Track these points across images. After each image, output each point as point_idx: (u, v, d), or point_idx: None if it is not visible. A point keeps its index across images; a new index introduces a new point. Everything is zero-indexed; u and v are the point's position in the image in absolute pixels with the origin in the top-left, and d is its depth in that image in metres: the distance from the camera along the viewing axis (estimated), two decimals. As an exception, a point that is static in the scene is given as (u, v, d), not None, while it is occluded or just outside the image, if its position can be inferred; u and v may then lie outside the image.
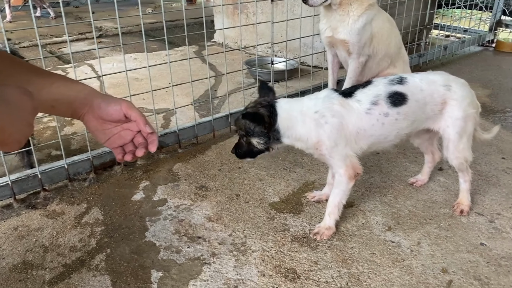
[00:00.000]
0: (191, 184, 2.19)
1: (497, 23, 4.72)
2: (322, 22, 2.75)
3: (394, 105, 1.74)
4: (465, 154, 1.89)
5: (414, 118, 1.79)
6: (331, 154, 1.73)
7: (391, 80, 1.79)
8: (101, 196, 2.09)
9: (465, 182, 1.97)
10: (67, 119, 2.93)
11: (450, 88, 1.82)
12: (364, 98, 1.74)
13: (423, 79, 1.82)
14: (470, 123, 1.86)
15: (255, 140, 1.74)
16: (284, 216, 1.95)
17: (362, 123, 1.73)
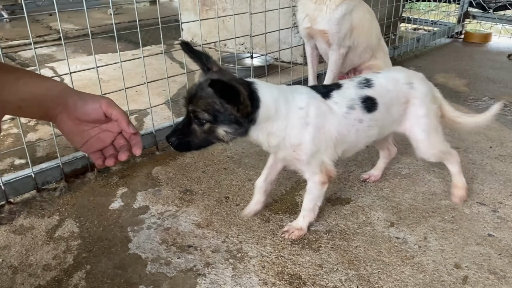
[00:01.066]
0: (174, 189, 2.01)
1: (465, 14, 4.77)
2: (299, 11, 2.63)
3: (367, 111, 1.61)
4: (439, 148, 1.79)
5: (383, 124, 1.68)
6: (309, 160, 1.54)
7: (359, 83, 1.65)
8: (75, 206, 1.88)
9: (452, 165, 1.88)
10: (30, 125, 2.68)
11: (412, 85, 1.72)
12: (341, 101, 1.59)
13: (387, 78, 1.70)
14: (433, 119, 1.76)
15: (223, 128, 1.34)
16: (279, 217, 1.81)
17: (341, 127, 1.57)
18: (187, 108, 1.36)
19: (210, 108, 1.30)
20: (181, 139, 1.37)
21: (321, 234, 1.70)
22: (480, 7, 4.77)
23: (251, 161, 2.24)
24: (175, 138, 1.37)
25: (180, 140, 1.37)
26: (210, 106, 1.30)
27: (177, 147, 1.39)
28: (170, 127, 2.36)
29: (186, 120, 1.37)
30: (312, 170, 1.58)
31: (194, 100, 1.32)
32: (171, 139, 1.38)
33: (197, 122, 1.35)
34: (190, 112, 1.35)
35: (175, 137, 1.37)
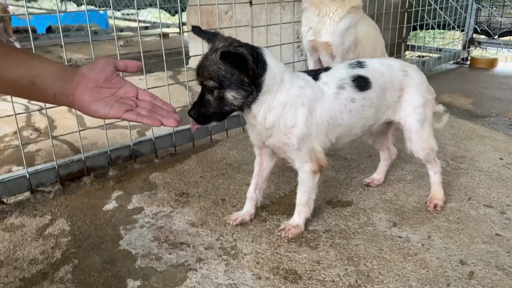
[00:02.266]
0: (170, 192, 1.96)
1: (470, 41, 4.78)
2: (303, 25, 2.65)
3: (359, 89, 1.57)
4: (430, 143, 1.74)
5: (378, 105, 1.63)
6: (299, 145, 1.48)
7: (350, 63, 1.63)
8: (68, 207, 1.84)
9: (435, 173, 1.81)
10: (32, 137, 2.68)
11: (407, 73, 1.69)
12: (330, 81, 1.55)
13: (382, 63, 1.68)
14: (429, 110, 1.73)
15: (231, 94, 1.36)
16: (277, 217, 1.75)
17: (332, 109, 1.53)
18: (198, 81, 1.40)
19: (215, 75, 1.34)
20: (199, 110, 1.39)
21: (319, 234, 1.63)
22: (485, 33, 4.79)
23: (250, 168, 2.16)
24: (194, 111, 1.40)
25: (198, 111, 1.40)
26: (215, 73, 1.34)
27: (197, 118, 1.41)
28: (169, 135, 2.34)
29: (201, 93, 1.41)
30: (302, 157, 1.52)
31: (201, 71, 1.37)
32: (190, 112, 1.41)
33: (208, 91, 1.38)
34: (200, 84, 1.40)
35: (194, 110, 1.40)
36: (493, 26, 4.75)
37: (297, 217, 1.62)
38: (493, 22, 4.74)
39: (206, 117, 1.41)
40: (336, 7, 2.48)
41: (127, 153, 2.20)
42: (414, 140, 1.71)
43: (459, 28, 4.82)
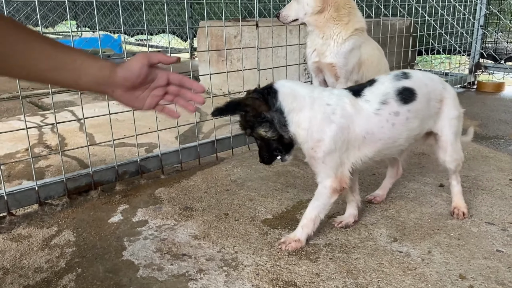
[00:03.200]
0: (175, 206, 2.00)
1: (476, 65, 4.82)
2: (308, 47, 2.72)
3: (404, 102, 1.60)
4: (460, 154, 1.82)
5: (423, 116, 1.67)
6: (325, 159, 1.54)
7: (396, 75, 1.66)
8: (74, 220, 1.88)
9: (457, 183, 1.88)
10: (43, 153, 2.75)
11: (445, 87, 1.77)
12: (373, 98, 1.59)
13: (424, 75, 1.75)
14: (461, 123, 1.81)
15: (261, 130, 1.52)
16: (278, 231, 1.77)
17: (370, 126, 1.57)
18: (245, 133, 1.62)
19: (242, 124, 1.56)
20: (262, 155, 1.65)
21: (320, 247, 1.64)
22: (491, 58, 4.83)
23: (254, 184, 2.22)
24: (260, 158, 1.66)
25: (262, 157, 1.65)
26: (241, 124, 1.56)
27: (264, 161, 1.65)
28: (175, 152, 2.39)
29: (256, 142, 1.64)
30: (326, 171, 1.56)
31: (240, 125, 1.59)
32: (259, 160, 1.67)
33: (254, 138, 1.60)
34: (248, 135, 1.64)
35: (260, 158, 1.66)
36: (499, 51, 4.79)
37: (300, 231, 1.64)
38: (499, 47, 4.78)
39: (267, 157, 1.62)
40: (339, 29, 2.55)
41: (134, 169, 2.25)
42: (449, 151, 1.77)
43: (465, 53, 4.88)
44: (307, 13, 2.51)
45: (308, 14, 2.51)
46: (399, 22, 4.15)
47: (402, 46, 3.93)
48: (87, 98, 4.75)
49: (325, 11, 2.50)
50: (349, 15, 2.57)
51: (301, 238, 1.63)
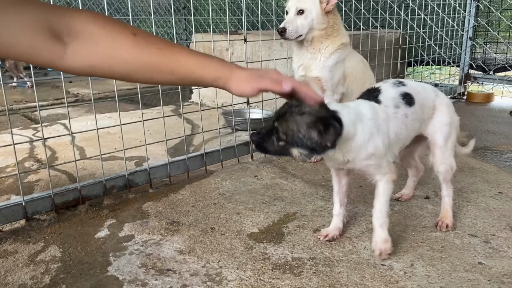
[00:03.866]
0: (162, 220, 2.01)
1: (466, 76, 4.88)
2: (294, 61, 2.75)
3: (409, 105, 1.70)
4: (450, 161, 1.86)
5: (421, 118, 1.77)
6: (379, 163, 1.60)
7: (393, 82, 1.76)
8: (61, 235, 1.89)
9: (448, 195, 1.92)
10: (33, 167, 2.76)
11: (438, 95, 1.86)
12: (388, 103, 1.67)
13: (416, 83, 1.84)
14: (454, 131, 1.87)
15: (297, 150, 1.40)
16: (264, 245, 1.78)
17: (395, 128, 1.65)
18: (274, 121, 1.44)
19: (290, 134, 1.38)
20: (261, 142, 1.46)
21: (304, 261, 1.66)
22: (480, 69, 4.89)
23: (242, 198, 2.24)
24: (256, 138, 1.46)
25: (260, 142, 1.46)
26: (291, 132, 1.37)
27: (256, 146, 1.49)
28: (164, 165, 2.40)
29: (270, 128, 1.44)
30: (383, 171, 1.62)
31: (281, 119, 1.40)
32: (253, 138, 1.48)
33: (276, 136, 1.43)
34: (274, 125, 1.43)
35: (257, 138, 1.46)
36: (488, 62, 4.85)
37: (381, 232, 1.65)
38: (488, 58, 4.84)
39: (264, 150, 1.49)
40: (328, 43, 2.59)
41: (122, 183, 2.26)
42: (437, 154, 1.84)
43: (455, 64, 4.94)
44: (313, 29, 2.54)
45: (313, 30, 2.54)
46: (388, 35, 4.21)
47: (391, 58, 3.98)
48: (80, 111, 4.79)
49: (326, 28, 2.55)
50: (338, 30, 2.62)
51: (387, 236, 1.65)
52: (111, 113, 4.58)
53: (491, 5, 4.63)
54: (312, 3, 2.49)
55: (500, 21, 4.64)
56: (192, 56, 1.17)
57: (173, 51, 1.13)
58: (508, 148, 3.04)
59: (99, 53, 1.06)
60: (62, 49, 1.03)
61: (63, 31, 1.02)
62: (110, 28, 1.07)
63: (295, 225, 1.94)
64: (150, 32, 1.19)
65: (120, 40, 1.07)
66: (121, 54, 1.08)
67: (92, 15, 1.07)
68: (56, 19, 1.01)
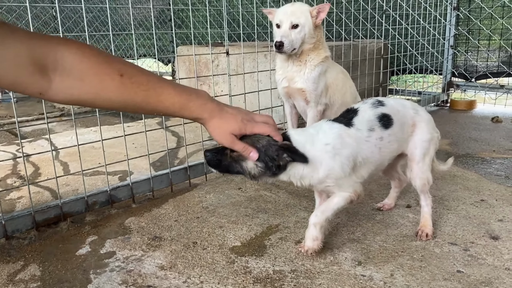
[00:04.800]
0: (144, 236, 2.00)
1: (449, 84, 4.95)
2: (278, 73, 2.77)
3: (385, 127, 1.73)
4: (427, 175, 1.89)
5: (399, 138, 1.79)
6: (339, 184, 1.64)
7: (372, 103, 1.78)
8: (42, 253, 1.87)
9: (427, 205, 1.94)
10: (15, 184, 2.73)
11: (417, 111, 1.87)
12: (362, 126, 1.70)
13: (396, 102, 1.86)
14: (433, 146, 1.89)
15: (251, 163, 1.49)
16: (245, 259, 1.78)
17: (364, 152, 1.68)
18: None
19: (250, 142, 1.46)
20: (214, 156, 1.53)
21: (285, 274, 1.66)
22: (462, 76, 4.96)
23: (225, 211, 2.24)
24: (209, 153, 1.54)
25: (213, 156, 1.53)
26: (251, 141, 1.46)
27: (208, 161, 1.55)
28: (147, 180, 2.40)
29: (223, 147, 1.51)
30: (344, 190, 1.66)
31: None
32: (206, 153, 1.54)
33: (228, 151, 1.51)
34: None
35: (210, 153, 1.53)
36: (469, 69, 4.93)
37: (313, 230, 1.69)
38: (470, 66, 4.92)
39: (216, 164, 1.54)
40: (313, 56, 2.62)
41: (104, 198, 2.25)
42: (415, 170, 1.88)
43: (438, 72, 5.01)
44: (304, 43, 2.55)
45: (305, 44, 2.56)
46: (371, 45, 4.26)
47: (374, 68, 4.03)
48: (65, 125, 4.76)
49: (315, 42, 2.58)
50: (322, 43, 2.66)
51: (318, 234, 1.68)
52: (97, 127, 4.56)
53: (471, 14, 4.71)
54: (305, 18, 2.51)
55: (480, 30, 4.72)
56: (176, 96, 1.22)
57: (158, 91, 1.17)
58: (489, 155, 3.08)
59: (84, 90, 1.09)
60: (47, 83, 1.05)
61: (50, 65, 1.03)
62: (97, 68, 1.09)
63: (277, 237, 1.95)
64: (138, 68, 1.21)
65: (107, 81, 1.10)
66: (106, 93, 1.11)
67: (81, 51, 1.08)
68: (43, 53, 1.02)
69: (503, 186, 2.47)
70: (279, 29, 2.53)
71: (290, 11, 2.50)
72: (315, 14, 2.53)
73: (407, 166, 1.91)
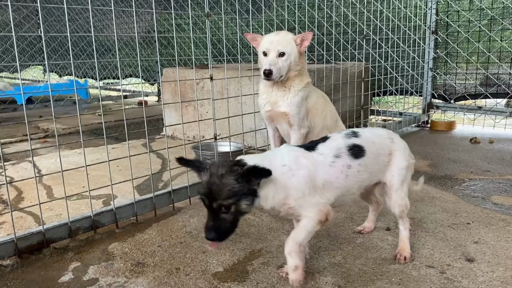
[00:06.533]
0: (127, 262, 2.01)
1: (429, 105, 5.08)
2: (261, 97, 2.83)
3: (355, 157, 1.78)
4: (405, 201, 1.95)
5: (372, 170, 1.84)
6: (299, 204, 1.67)
7: (346, 133, 1.85)
8: (24, 281, 1.87)
9: (405, 229, 1.99)
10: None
11: (393, 140, 1.94)
12: (326, 152, 1.76)
13: (372, 133, 1.92)
14: (409, 172, 1.96)
15: (244, 203, 1.56)
16: (228, 285, 1.80)
17: (327, 176, 1.73)
18: (212, 206, 1.55)
19: (232, 193, 1.53)
20: (219, 231, 1.56)
21: (267, 299, 1.69)
22: (442, 98, 5.10)
23: (208, 235, 2.26)
24: (214, 235, 1.56)
25: (219, 234, 1.56)
26: (232, 191, 1.53)
27: (221, 239, 1.59)
28: (131, 204, 2.42)
29: (213, 216, 1.56)
30: (307, 210, 1.68)
31: (216, 196, 1.53)
32: (210, 236, 1.56)
33: (224, 211, 1.55)
34: (216, 208, 1.55)
35: (214, 234, 1.56)
36: (449, 91, 5.07)
37: (290, 259, 1.68)
38: (449, 88, 5.06)
39: (226, 233, 1.58)
40: (297, 81, 2.69)
41: (88, 224, 2.26)
42: (394, 197, 1.93)
43: (418, 94, 5.14)
44: (290, 70, 2.62)
45: (290, 71, 2.63)
46: (352, 67, 4.37)
47: (355, 90, 4.13)
48: (50, 148, 4.73)
49: (300, 69, 2.66)
50: (305, 70, 2.74)
51: (297, 263, 1.67)
52: (81, 149, 4.54)
53: (449, 38, 4.87)
54: (291, 46, 2.59)
55: (458, 53, 4.87)
56: None
57: None
58: (467, 176, 3.17)
59: None
60: None
61: None
62: None
63: (260, 262, 1.97)
64: None
65: None
66: None
67: None
68: None
69: (480, 208, 2.54)
70: (267, 57, 2.59)
71: (276, 41, 2.57)
72: (299, 42, 2.61)
73: (386, 193, 1.96)
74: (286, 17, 3.95)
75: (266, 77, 2.56)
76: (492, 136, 4.45)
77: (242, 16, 5.62)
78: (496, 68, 4.67)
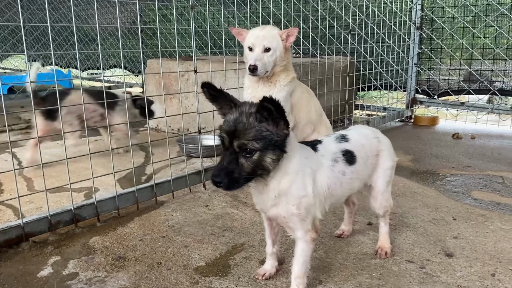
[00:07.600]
0: (108, 256, 1.99)
1: (412, 100, 5.12)
2: (246, 92, 2.81)
3: (349, 164, 1.70)
4: (390, 201, 1.95)
5: (362, 176, 1.78)
6: (305, 216, 1.53)
7: (336, 137, 1.76)
8: (1, 276, 1.84)
9: (385, 225, 2.00)
10: (-25, 202, 2.67)
11: (379, 139, 1.88)
12: (326, 154, 1.66)
13: (359, 134, 1.83)
14: (393, 172, 1.93)
15: (269, 156, 1.36)
16: (209, 279, 1.80)
17: (329, 180, 1.62)
18: (231, 145, 1.36)
19: (259, 135, 1.33)
20: (230, 177, 1.34)
21: (248, 294, 1.69)
22: (425, 93, 5.15)
23: (191, 229, 2.26)
24: (222, 178, 1.34)
25: (229, 178, 1.34)
26: (259, 133, 1.33)
27: (228, 187, 1.35)
28: (112, 198, 2.39)
29: (231, 157, 1.35)
30: (305, 227, 1.56)
31: (241, 134, 1.34)
32: (217, 179, 1.34)
33: (245, 155, 1.35)
34: (237, 147, 1.35)
35: (223, 177, 1.34)
36: (432, 87, 5.12)
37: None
38: (432, 83, 5.11)
39: (238, 182, 1.36)
40: (283, 77, 2.68)
41: (68, 217, 2.23)
42: (379, 199, 1.90)
43: (402, 89, 5.18)
44: (276, 65, 2.60)
45: (276, 66, 2.61)
46: (338, 62, 4.37)
47: (340, 85, 4.14)
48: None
49: (286, 64, 2.64)
50: (290, 65, 2.73)
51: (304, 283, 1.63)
52: (63, 141, 4.48)
53: (433, 34, 4.91)
54: (277, 42, 2.57)
55: (442, 49, 4.92)
56: None
57: None
58: (449, 171, 3.21)
59: None
60: None
61: None
62: None
63: (242, 257, 1.97)
64: None
65: None
66: None
67: None
68: None
69: (460, 203, 2.58)
70: (252, 52, 2.57)
71: (262, 36, 2.55)
72: (284, 38, 2.60)
73: (370, 195, 1.92)
74: (272, 9, 3.93)
75: (251, 73, 2.55)
76: (474, 132, 4.51)
77: (228, 8, 5.57)
78: (479, 65, 4.73)
